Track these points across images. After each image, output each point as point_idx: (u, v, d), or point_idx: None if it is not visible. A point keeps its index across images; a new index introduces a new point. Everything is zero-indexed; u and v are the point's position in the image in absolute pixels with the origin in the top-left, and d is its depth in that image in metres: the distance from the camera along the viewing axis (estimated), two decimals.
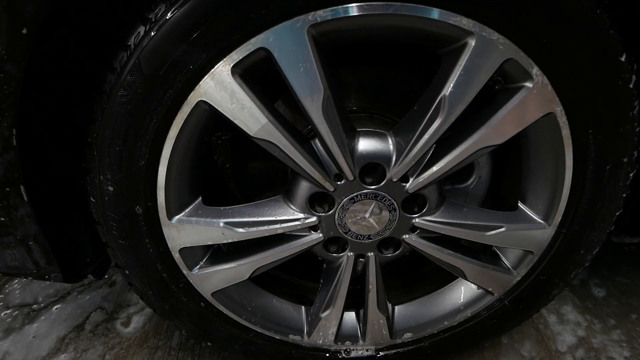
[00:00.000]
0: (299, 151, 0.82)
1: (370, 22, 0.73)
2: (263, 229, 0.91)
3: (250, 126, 0.79)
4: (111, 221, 0.88)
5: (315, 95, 0.75)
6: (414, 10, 0.70)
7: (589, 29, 0.73)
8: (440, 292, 1.14)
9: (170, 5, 0.70)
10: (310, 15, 0.70)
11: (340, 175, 0.86)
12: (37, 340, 1.36)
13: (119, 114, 0.77)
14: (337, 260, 1.01)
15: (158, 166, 0.82)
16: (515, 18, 0.71)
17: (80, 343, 1.34)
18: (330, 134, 0.79)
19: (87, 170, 0.85)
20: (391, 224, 0.93)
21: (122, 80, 0.74)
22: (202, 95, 0.76)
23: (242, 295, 1.08)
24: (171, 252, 0.92)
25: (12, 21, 0.66)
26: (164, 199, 0.86)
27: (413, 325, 1.12)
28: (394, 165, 0.86)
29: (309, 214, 0.92)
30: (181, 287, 0.98)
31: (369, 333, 1.08)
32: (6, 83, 0.70)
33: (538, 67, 0.76)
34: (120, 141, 0.79)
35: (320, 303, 1.06)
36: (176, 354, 1.29)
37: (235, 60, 0.73)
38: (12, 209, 0.83)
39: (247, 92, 0.76)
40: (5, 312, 1.47)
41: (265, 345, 1.10)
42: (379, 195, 0.88)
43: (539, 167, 0.92)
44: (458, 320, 1.09)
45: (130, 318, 1.43)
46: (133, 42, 0.73)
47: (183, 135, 0.80)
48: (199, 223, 0.90)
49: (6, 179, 0.79)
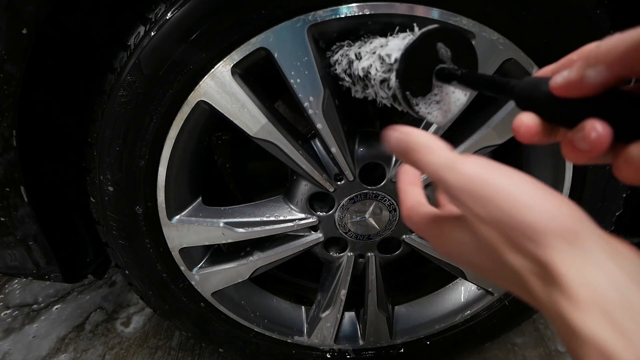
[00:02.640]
0: (299, 151, 0.82)
1: (370, 22, 0.73)
2: (263, 229, 0.91)
3: (250, 126, 0.79)
4: (111, 221, 0.88)
5: (315, 95, 0.75)
6: (414, 10, 0.70)
7: (589, 29, 0.73)
8: (440, 292, 1.14)
9: (170, 5, 0.70)
10: (310, 15, 0.70)
11: (340, 175, 0.86)
12: (37, 340, 1.36)
13: (119, 114, 0.77)
14: (337, 261, 1.01)
15: (158, 166, 0.82)
16: (515, 18, 0.71)
17: (80, 343, 1.34)
18: (330, 134, 0.79)
19: (87, 170, 0.85)
20: (391, 224, 0.93)
21: (122, 80, 0.74)
22: (202, 95, 0.76)
23: (242, 296, 1.08)
24: (171, 252, 0.92)
25: (12, 21, 0.66)
26: (164, 199, 0.86)
27: (413, 325, 1.12)
28: (394, 165, 0.86)
29: (309, 214, 0.92)
30: (181, 287, 0.98)
31: (369, 333, 1.08)
32: (6, 83, 0.70)
33: (538, 67, 0.76)
34: (120, 141, 0.79)
35: (320, 303, 1.06)
36: (176, 354, 1.29)
37: (235, 60, 0.73)
38: (12, 209, 0.83)
39: (247, 92, 0.76)
40: (5, 312, 1.47)
41: (265, 345, 1.10)
42: (379, 195, 0.88)
43: (539, 167, 0.92)
44: (458, 320, 1.09)
45: (130, 318, 1.43)
46: (133, 42, 0.73)
47: (183, 135, 0.80)
48: (199, 223, 0.90)
49: (6, 179, 0.79)
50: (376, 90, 0.62)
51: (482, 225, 0.33)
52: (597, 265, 0.29)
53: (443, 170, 0.35)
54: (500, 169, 0.34)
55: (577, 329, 0.27)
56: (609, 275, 0.28)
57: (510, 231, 0.31)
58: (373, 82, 0.60)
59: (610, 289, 0.27)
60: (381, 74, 0.58)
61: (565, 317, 0.28)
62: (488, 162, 0.34)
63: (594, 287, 0.28)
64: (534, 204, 0.31)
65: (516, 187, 0.32)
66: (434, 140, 0.38)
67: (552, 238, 0.30)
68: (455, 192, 0.35)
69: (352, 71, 0.66)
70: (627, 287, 0.27)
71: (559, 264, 0.29)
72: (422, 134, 0.38)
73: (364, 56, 0.63)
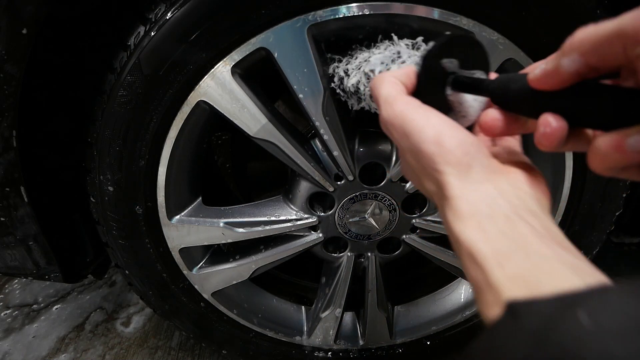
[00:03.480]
0: (299, 151, 0.82)
1: (370, 22, 0.73)
2: (263, 229, 0.91)
3: (250, 126, 0.79)
4: (111, 221, 0.88)
5: (315, 95, 0.75)
6: (414, 10, 0.70)
7: None
8: (440, 292, 1.14)
9: (170, 5, 0.70)
10: (310, 15, 0.70)
11: (340, 175, 0.86)
12: (37, 340, 1.36)
13: (119, 114, 0.77)
14: (337, 260, 1.01)
15: (158, 166, 0.82)
16: (515, 18, 0.71)
17: (80, 343, 1.34)
18: (330, 134, 0.79)
19: (87, 170, 0.85)
20: (391, 224, 0.93)
21: (122, 80, 0.74)
22: (202, 95, 0.76)
23: (242, 296, 1.08)
24: (171, 252, 0.92)
25: (12, 21, 0.66)
26: (164, 199, 0.86)
27: (413, 325, 1.12)
28: (394, 165, 0.86)
29: (308, 214, 0.92)
30: (181, 287, 0.98)
31: (369, 333, 1.08)
32: (6, 83, 0.70)
33: None
34: (120, 141, 0.79)
35: (320, 303, 1.06)
36: (176, 354, 1.29)
37: (235, 60, 0.73)
38: (12, 209, 0.83)
39: (247, 92, 0.76)
40: (5, 312, 1.47)
41: (265, 345, 1.10)
42: (379, 195, 0.88)
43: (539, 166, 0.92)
44: (458, 320, 1.09)
45: (130, 318, 1.43)
46: (133, 42, 0.73)
47: (183, 135, 0.80)
48: (199, 223, 0.90)
49: (6, 180, 0.79)
50: (368, 103, 0.64)
51: (406, 153, 0.41)
52: (478, 187, 0.36)
53: (383, 103, 0.42)
54: (422, 108, 0.40)
55: (456, 235, 0.35)
56: (485, 194, 0.35)
57: (422, 160, 0.39)
58: (364, 97, 0.63)
59: (483, 203, 0.35)
60: (369, 89, 0.60)
61: (450, 227, 0.36)
62: (416, 103, 0.41)
63: (472, 203, 0.35)
64: (439, 140, 0.37)
65: (429, 125, 0.38)
66: (395, 75, 0.44)
67: (447, 167, 0.37)
68: (384, 123, 0.43)
69: (345, 87, 0.70)
70: (495, 201, 0.35)
71: (449, 185, 0.37)
72: (394, 72, 0.45)
73: (352, 73, 0.67)
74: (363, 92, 0.64)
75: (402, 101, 0.41)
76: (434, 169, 0.38)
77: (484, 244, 0.32)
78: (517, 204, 0.34)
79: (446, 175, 0.37)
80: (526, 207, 0.34)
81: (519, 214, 0.33)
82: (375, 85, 0.45)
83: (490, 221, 0.33)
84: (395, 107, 0.41)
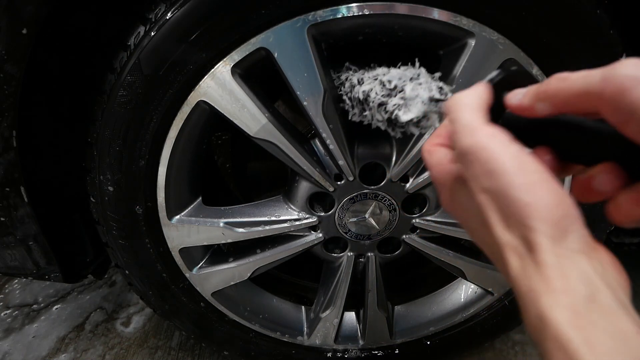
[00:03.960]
0: (299, 151, 0.82)
1: (370, 22, 0.73)
2: (263, 229, 0.91)
3: (250, 126, 0.79)
4: (111, 221, 0.88)
5: (315, 96, 0.75)
6: (414, 10, 0.70)
7: (589, 29, 0.73)
8: (440, 292, 1.14)
9: (170, 5, 0.70)
10: (310, 15, 0.70)
11: (340, 175, 0.86)
12: (37, 340, 1.36)
13: (119, 114, 0.77)
14: (337, 261, 1.01)
15: (158, 166, 0.82)
16: (515, 18, 0.71)
17: (80, 343, 1.34)
18: (330, 134, 0.79)
19: (87, 170, 0.85)
20: (391, 224, 0.93)
21: (122, 80, 0.74)
22: (202, 95, 0.76)
23: (242, 296, 1.08)
24: (171, 252, 0.92)
25: (12, 21, 0.66)
26: (164, 199, 0.86)
27: (413, 325, 1.12)
28: (394, 165, 0.86)
29: (309, 214, 0.92)
30: (181, 287, 0.98)
31: (369, 333, 1.08)
32: (6, 83, 0.70)
33: (538, 67, 0.76)
34: (120, 141, 0.79)
35: (320, 303, 1.06)
36: (176, 354, 1.29)
37: (235, 60, 0.73)
38: (12, 209, 0.83)
39: (247, 92, 0.76)
40: (5, 312, 1.47)
41: (265, 345, 1.10)
42: (379, 195, 0.88)
43: None
44: (458, 320, 1.09)
45: (130, 318, 1.43)
46: (133, 42, 0.73)
47: (183, 135, 0.80)
48: (199, 223, 0.90)
49: (6, 180, 0.79)
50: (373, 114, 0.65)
51: (481, 193, 0.35)
52: (575, 261, 0.30)
53: (463, 130, 0.36)
54: (515, 147, 0.34)
55: (541, 310, 0.29)
56: (582, 270, 0.30)
57: (506, 207, 0.33)
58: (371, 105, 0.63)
59: (579, 281, 0.29)
60: (380, 97, 0.61)
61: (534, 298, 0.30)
62: (506, 138, 0.35)
63: (568, 278, 0.29)
64: (537, 190, 0.32)
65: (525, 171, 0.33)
66: (475, 100, 0.38)
67: (543, 225, 0.31)
68: (463, 152, 0.36)
69: (353, 94, 0.70)
70: (593, 282, 0.29)
71: (541, 248, 0.31)
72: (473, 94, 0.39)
73: (366, 81, 0.68)
74: (372, 100, 0.64)
75: (487, 132, 0.35)
76: (523, 223, 0.32)
77: (578, 333, 0.27)
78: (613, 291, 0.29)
79: (538, 235, 0.31)
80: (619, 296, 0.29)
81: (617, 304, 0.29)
82: (453, 107, 0.38)
83: (588, 306, 0.28)
84: (479, 136, 0.35)
